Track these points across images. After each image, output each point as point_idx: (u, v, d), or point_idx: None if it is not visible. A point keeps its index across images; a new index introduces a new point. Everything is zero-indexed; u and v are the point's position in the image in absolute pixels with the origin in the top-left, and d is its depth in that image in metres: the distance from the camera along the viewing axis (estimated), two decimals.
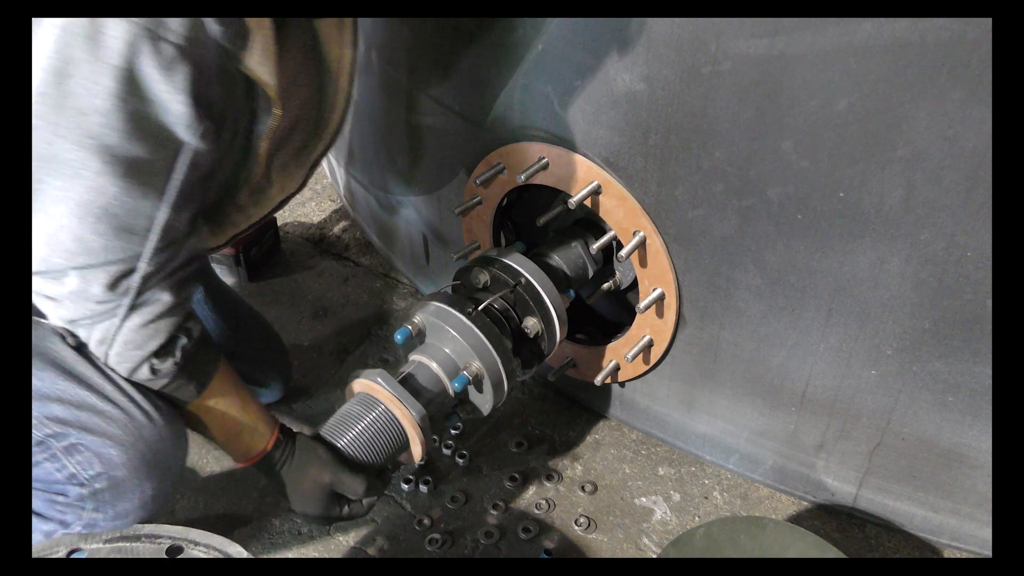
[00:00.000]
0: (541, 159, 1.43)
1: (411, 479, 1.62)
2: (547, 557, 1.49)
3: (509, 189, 1.54)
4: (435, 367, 1.32)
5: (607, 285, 1.56)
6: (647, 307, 1.44)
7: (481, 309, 1.34)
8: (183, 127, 0.92)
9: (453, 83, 1.55)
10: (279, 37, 1.12)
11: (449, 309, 1.32)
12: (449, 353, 1.32)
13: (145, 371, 1.07)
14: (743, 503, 1.61)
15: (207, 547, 0.90)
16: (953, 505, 1.42)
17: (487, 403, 1.37)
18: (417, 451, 1.30)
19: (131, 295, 0.99)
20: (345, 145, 2.17)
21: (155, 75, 0.87)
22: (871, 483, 1.48)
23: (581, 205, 1.39)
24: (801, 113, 1.12)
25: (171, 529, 0.92)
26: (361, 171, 2.16)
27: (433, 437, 1.72)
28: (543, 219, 1.50)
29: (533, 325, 1.40)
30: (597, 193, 1.39)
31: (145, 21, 0.84)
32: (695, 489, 1.63)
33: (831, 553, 1.20)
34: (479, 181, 1.52)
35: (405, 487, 1.62)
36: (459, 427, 1.74)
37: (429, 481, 1.61)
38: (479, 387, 1.34)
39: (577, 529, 1.54)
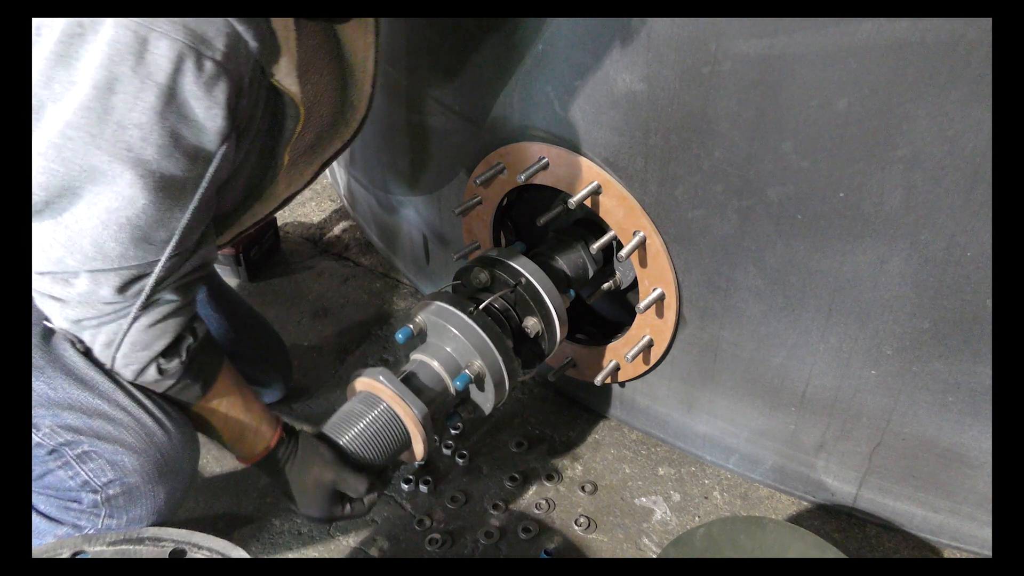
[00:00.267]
0: (541, 159, 1.43)
1: (411, 479, 1.62)
2: (547, 557, 1.49)
3: (509, 189, 1.54)
4: (436, 366, 1.32)
5: (607, 285, 1.56)
6: (647, 307, 1.44)
7: (482, 308, 1.34)
8: (215, 143, 0.94)
9: (453, 83, 1.55)
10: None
11: (451, 308, 1.32)
12: (451, 352, 1.32)
13: (152, 372, 1.07)
14: (743, 503, 1.61)
15: (210, 551, 0.90)
16: (953, 505, 1.42)
17: (488, 402, 1.37)
18: (419, 450, 1.30)
19: (141, 299, 1.00)
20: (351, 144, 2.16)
21: (197, 92, 0.89)
22: (871, 483, 1.48)
23: (581, 205, 1.39)
24: (801, 113, 1.12)
25: (174, 532, 0.92)
26: (361, 171, 2.16)
27: (434, 437, 1.72)
28: (543, 219, 1.50)
29: (533, 325, 1.40)
30: (597, 193, 1.39)
31: (190, 39, 0.86)
32: (695, 489, 1.63)
33: (831, 553, 1.20)
34: (479, 181, 1.52)
35: (405, 487, 1.62)
36: (459, 427, 1.74)
37: (429, 481, 1.62)
38: (480, 386, 1.34)
39: (577, 529, 1.54)
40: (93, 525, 1.15)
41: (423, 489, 1.61)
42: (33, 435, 1.06)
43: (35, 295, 1.01)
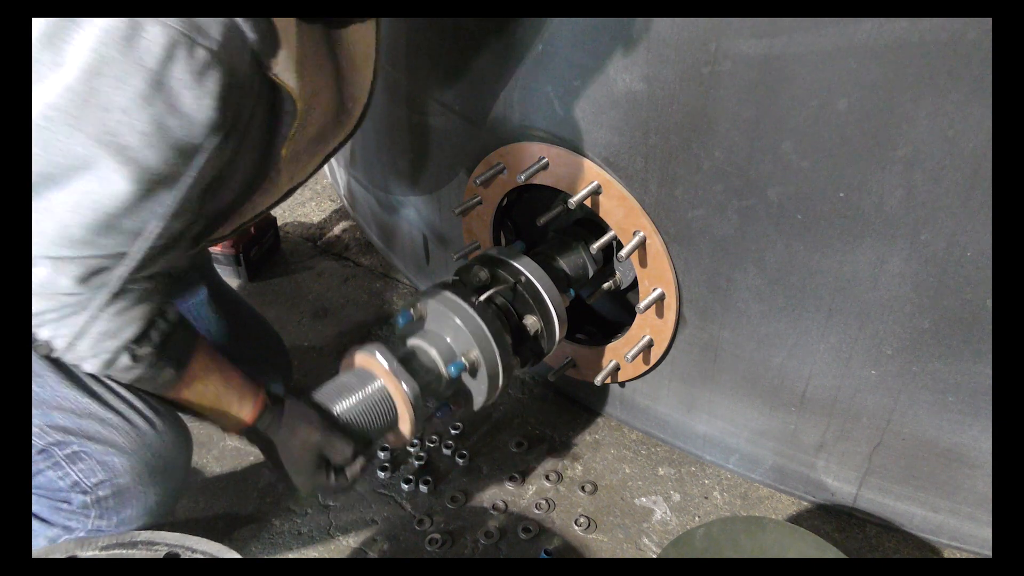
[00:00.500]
0: (541, 159, 1.43)
1: (411, 479, 1.62)
2: (547, 557, 1.49)
3: (509, 189, 1.54)
4: (433, 352, 1.32)
5: (607, 285, 1.56)
6: (647, 307, 1.44)
7: (484, 300, 1.34)
8: (203, 136, 0.91)
9: (453, 83, 1.55)
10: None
11: (453, 297, 1.32)
12: (449, 340, 1.32)
13: (124, 360, 1.03)
14: (743, 503, 1.61)
15: (204, 554, 0.90)
16: (953, 505, 1.42)
17: (480, 395, 1.36)
18: (406, 428, 1.28)
19: (106, 291, 0.96)
20: (346, 145, 2.16)
21: (187, 80, 0.86)
22: (871, 483, 1.48)
23: (581, 205, 1.39)
24: (801, 113, 1.12)
25: (167, 536, 0.91)
26: (361, 171, 2.16)
27: (433, 437, 1.72)
28: (543, 219, 1.50)
29: (533, 323, 1.40)
30: (597, 193, 1.39)
31: (184, 26, 0.83)
32: (695, 489, 1.63)
33: (831, 553, 1.20)
34: (479, 181, 1.52)
35: (405, 487, 1.62)
36: (459, 426, 1.74)
37: (429, 481, 1.61)
38: (474, 375, 1.34)
39: (577, 529, 1.54)
40: (83, 526, 1.14)
41: (423, 489, 1.61)
42: None
43: None
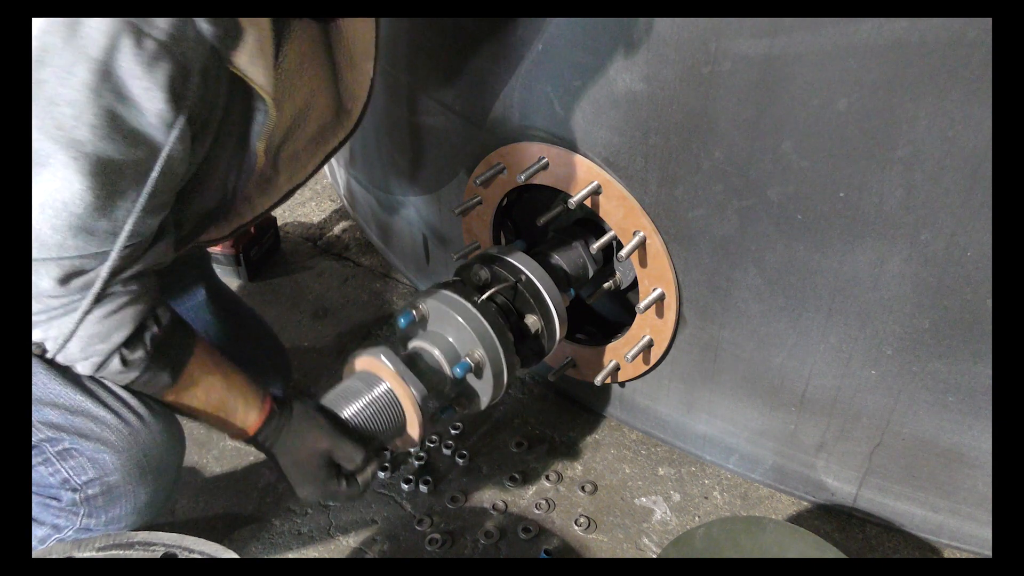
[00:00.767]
0: (541, 159, 1.43)
1: (411, 479, 1.62)
2: (547, 557, 1.49)
3: (509, 189, 1.54)
4: (437, 353, 1.31)
5: (607, 285, 1.56)
6: (647, 307, 1.44)
7: (486, 298, 1.34)
8: (159, 128, 0.88)
9: (453, 83, 1.55)
10: (280, 31, 1.11)
11: (455, 296, 1.32)
12: (452, 340, 1.32)
13: (115, 364, 1.02)
14: (743, 503, 1.61)
15: (201, 554, 0.90)
16: (953, 505, 1.42)
17: (486, 394, 1.36)
18: (415, 432, 1.28)
19: (91, 293, 0.95)
20: (346, 145, 2.17)
21: (135, 71, 0.83)
22: (871, 483, 1.48)
23: (581, 205, 1.39)
24: (801, 113, 1.12)
25: (164, 536, 0.91)
26: (361, 171, 2.16)
27: (433, 437, 1.72)
28: (543, 219, 1.50)
29: (533, 323, 1.40)
30: (597, 193, 1.39)
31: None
32: (695, 489, 1.63)
33: (831, 553, 1.20)
34: (479, 181, 1.52)
35: (405, 487, 1.62)
36: (459, 426, 1.74)
37: (429, 481, 1.61)
38: (479, 375, 1.34)
39: (577, 529, 1.54)
40: (72, 524, 1.13)
41: (423, 489, 1.61)
42: None
43: None
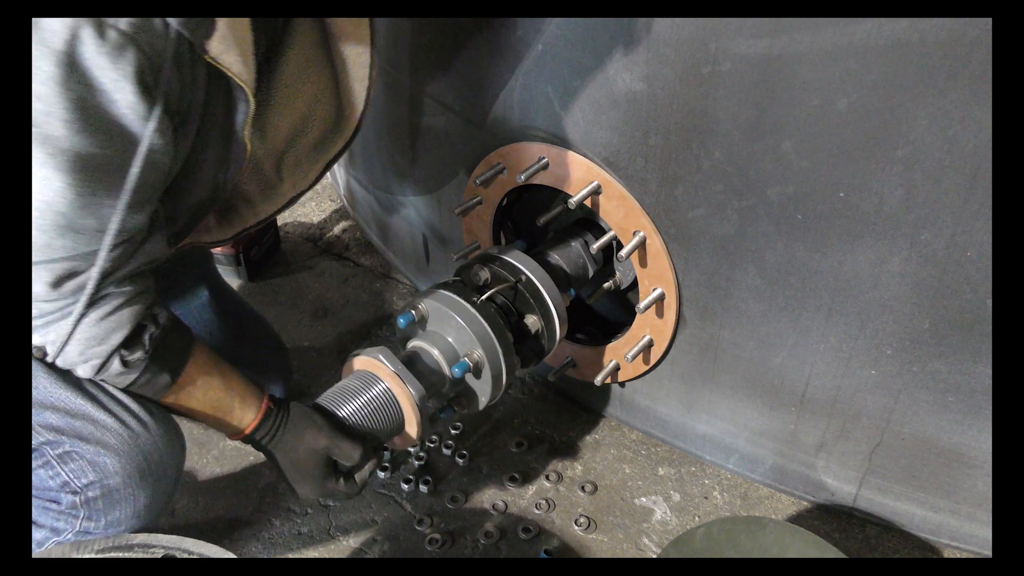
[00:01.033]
0: (541, 159, 1.43)
1: (411, 479, 1.62)
2: (547, 557, 1.49)
3: (509, 189, 1.54)
4: (436, 353, 1.31)
5: (607, 285, 1.56)
6: (647, 307, 1.44)
7: (485, 299, 1.34)
8: (134, 119, 0.87)
9: (453, 83, 1.55)
10: (285, 31, 1.11)
11: (455, 296, 1.32)
12: (451, 341, 1.32)
13: (116, 366, 1.02)
14: (743, 503, 1.61)
15: (201, 556, 0.90)
16: (953, 505, 1.42)
17: (485, 395, 1.36)
18: (413, 432, 1.28)
19: (84, 295, 0.94)
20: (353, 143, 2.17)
21: (100, 62, 0.81)
22: (871, 483, 1.48)
23: (581, 205, 1.39)
24: (801, 113, 1.12)
25: (164, 538, 0.91)
26: (361, 171, 2.16)
27: (433, 437, 1.72)
28: (543, 219, 1.50)
29: (533, 323, 1.40)
30: (597, 193, 1.39)
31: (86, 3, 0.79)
32: (695, 489, 1.63)
33: (831, 553, 1.20)
34: (479, 181, 1.52)
35: (405, 487, 1.62)
36: (459, 426, 1.74)
37: (429, 481, 1.61)
38: (478, 375, 1.34)
39: (577, 529, 1.54)
40: (71, 527, 1.13)
41: (423, 489, 1.61)
42: None
43: None
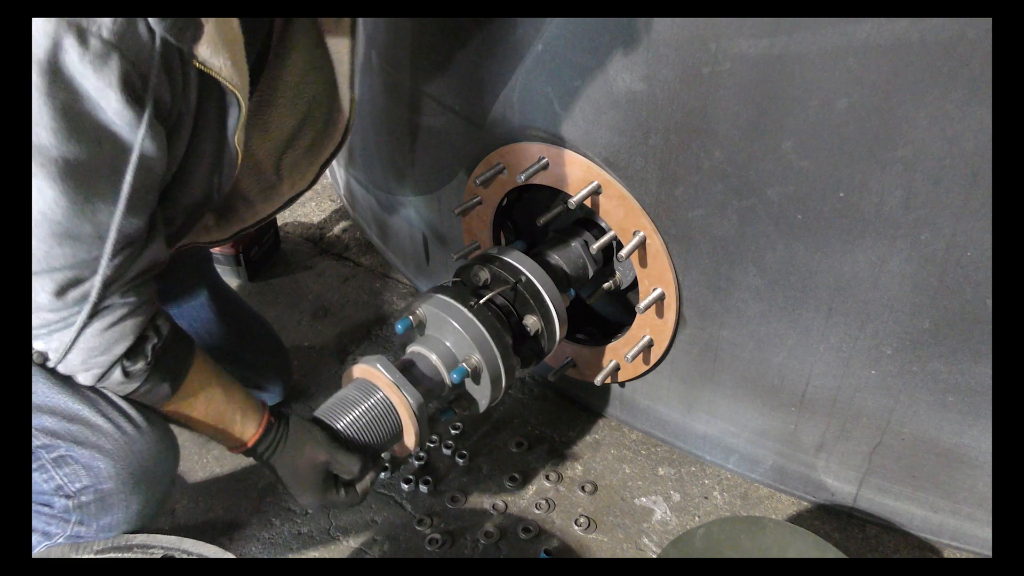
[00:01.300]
0: (541, 159, 1.43)
1: (411, 479, 1.62)
2: (547, 557, 1.49)
3: (509, 189, 1.54)
4: (434, 358, 1.32)
5: (607, 285, 1.56)
6: (647, 307, 1.44)
7: (483, 303, 1.34)
8: (122, 125, 0.87)
9: (453, 83, 1.55)
10: (287, 31, 1.12)
11: (451, 301, 1.32)
12: (449, 346, 1.32)
13: (117, 375, 1.02)
14: (743, 503, 1.61)
15: (200, 557, 0.90)
16: (953, 505, 1.42)
17: (484, 398, 1.36)
18: (410, 441, 1.29)
19: (88, 304, 0.94)
20: (346, 144, 2.17)
21: (84, 70, 0.81)
22: (871, 483, 1.48)
23: (581, 205, 1.39)
24: (801, 113, 1.12)
25: (163, 539, 0.91)
26: (361, 171, 2.16)
27: (433, 437, 1.72)
28: (543, 219, 1.50)
29: (533, 323, 1.40)
30: (597, 193, 1.39)
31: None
32: (695, 489, 1.63)
33: (831, 553, 1.20)
34: (479, 181, 1.52)
35: (405, 487, 1.62)
36: (459, 426, 1.74)
37: (429, 481, 1.61)
38: (477, 380, 1.34)
39: (577, 529, 1.54)
40: (63, 531, 1.13)
41: (423, 489, 1.61)
42: None
43: None
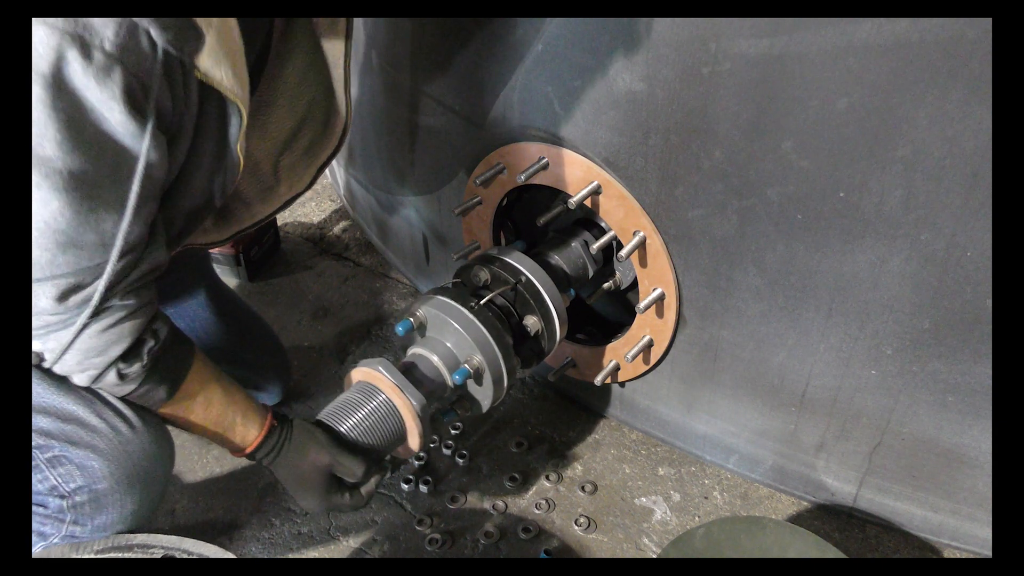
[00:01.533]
0: (541, 159, 1.43)
1: (411, 479, 1.62)
2: (547, 557, 1.49)
3: (509, 189, 1.54)
4: (436, 360, 1.32)
5: (607, 285, 1.56)
6: (647, 307, 1.44)
7: (483, 304, 1.34)
8: (125, 135, 0.87)
9: (453, 83, 1.55)
10: (288, 32, 1.12)
11: (452, 303, 1.32)
12: (450, 347, 1.32)
13: (111, 377, 1.02)
14: (743, 503, 1.61)
15: (200, 556, 0.90)
16: (953, 505, 1.42)
17: (486, 399, 1.36)
18: (415, 443, 1.29)
19: (89, 307, 0.95)
20: (345, 145, 2.17)
21: (87, 83, 0.82)
22: (871, 483, 1.48)
23: (581, 205, 1.39)
24: (801, 113, 1.12)
25: (163, 538, 0.91)
26: (361, 171, 2.16)
27: (433, 437, 1.72)
28: (543, 219, 1.50)
29: (533, 323, 1.40)
30: (597, 193, 1.39)
31: (72, 27, 0.80)
32: (695, 489, 1.63)
33: (831, 553, 1.20)
34: (479, 181, 1.52)
35: (405, 487, 1.62)
36: (459, 426, 1.74)
37: (429, 481, 1.61)
38: (479, 381, 1.34)
39: (577, 529, 1.54)
40: (57, 531, 1.13)
41: (423, 489, 1.61)
42: None
43: None
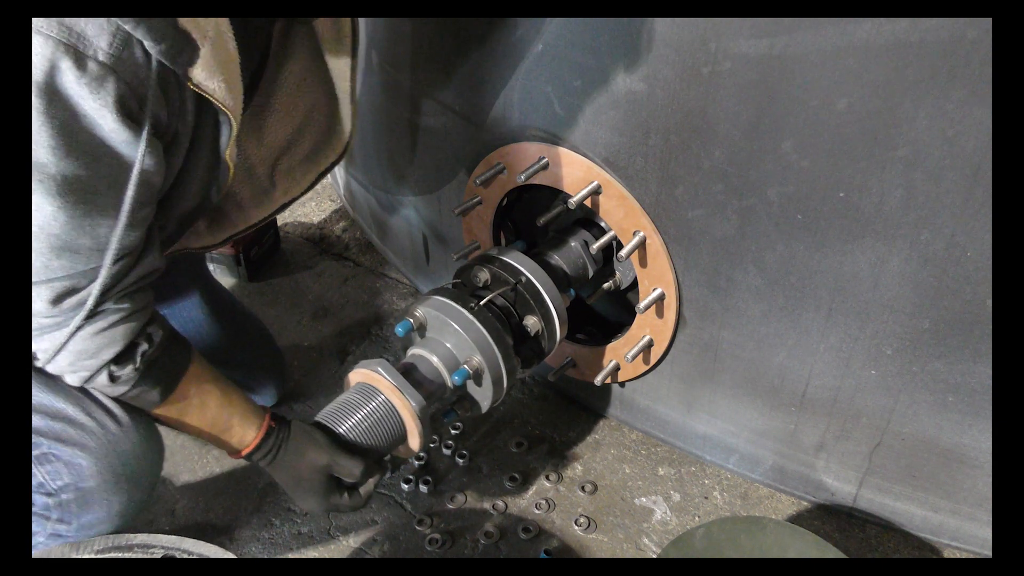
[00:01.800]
0: (541, 159, 1.43)
1: (411, 479, 1.62)
2: (547, 557, 1.49)
3: (509, 189, 1.54)
4: (435, 360, 1.32)
5: (607, 285, 1.56)
6: (647, 307, 1.44)
7: (483, 304, 1.34)
8: (119, 143, 0.88)
9: (453, 83, 1.55)
10: (287, 39, 1.13)
11: (452, 303, 1.32)
12: (450, 348, 1.32)
13: (103, 378, 1.03)
14: (743, 503, 1.61)
15: (200, 556, 0.90)
16: (953, 505, 1.42)
17: (486, 399, 1.36)
18: (415, 443, 1.29)
19: (83, 311, 0.95)
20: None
21: (81, 92, 0.83)
22: (871, 483, 1.48)
23: (581, 205, 1.39)
24: (801, 113, 1.12)
25: (163, 538, 0.91)
26: (361, 171, 2.16)
27: (433, 437, 1.72)
28: (543, 219, 1.49)
29: (533, 324, 1.40)
30: (597, 193, 1.39)
31: (64, 35, 0.80)
32: (695, 489, 1.63)
33: (831, 553, 1.20)
34: (479, 181, 1.52)
35: (405, 487, 1.62)
36: (459, 426, 1.74)
37: (429, 481, 1.61)
38: (479, 382, 1.34)
39: (577, 529, 1.54)
40: (43, 529, 1.13)
41: (423, 489, 1.61)
42: None
43: None
